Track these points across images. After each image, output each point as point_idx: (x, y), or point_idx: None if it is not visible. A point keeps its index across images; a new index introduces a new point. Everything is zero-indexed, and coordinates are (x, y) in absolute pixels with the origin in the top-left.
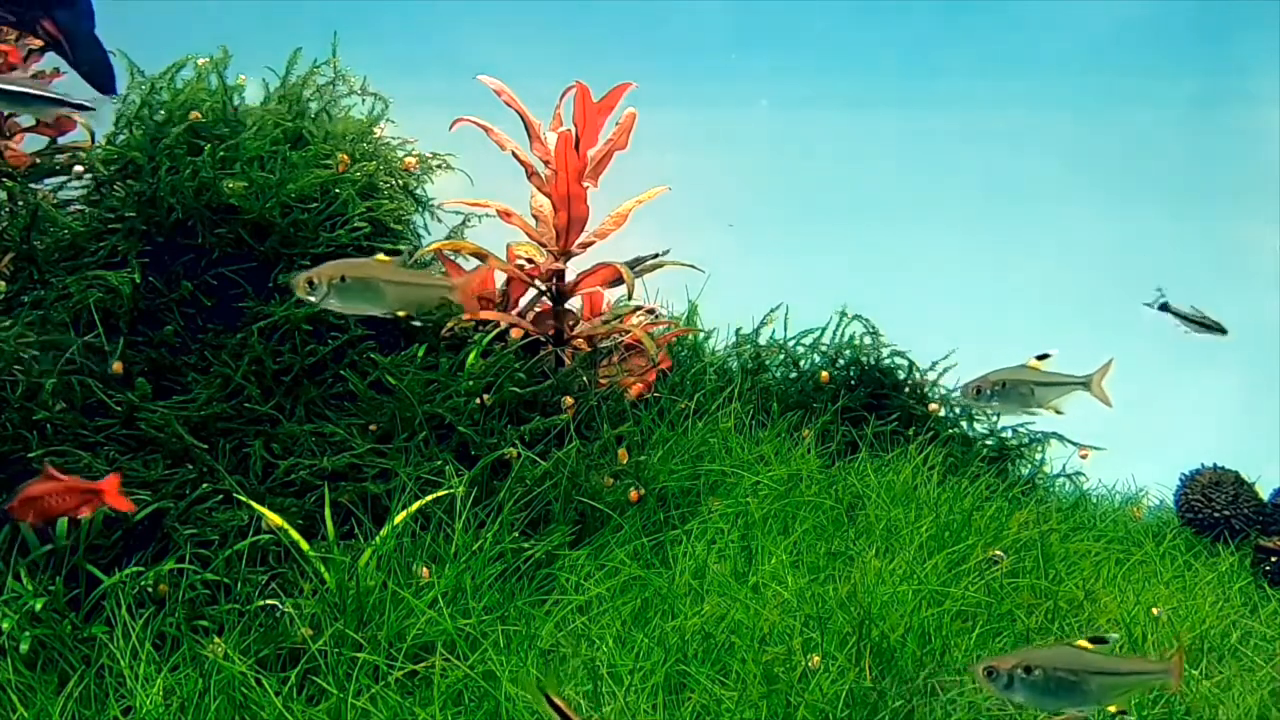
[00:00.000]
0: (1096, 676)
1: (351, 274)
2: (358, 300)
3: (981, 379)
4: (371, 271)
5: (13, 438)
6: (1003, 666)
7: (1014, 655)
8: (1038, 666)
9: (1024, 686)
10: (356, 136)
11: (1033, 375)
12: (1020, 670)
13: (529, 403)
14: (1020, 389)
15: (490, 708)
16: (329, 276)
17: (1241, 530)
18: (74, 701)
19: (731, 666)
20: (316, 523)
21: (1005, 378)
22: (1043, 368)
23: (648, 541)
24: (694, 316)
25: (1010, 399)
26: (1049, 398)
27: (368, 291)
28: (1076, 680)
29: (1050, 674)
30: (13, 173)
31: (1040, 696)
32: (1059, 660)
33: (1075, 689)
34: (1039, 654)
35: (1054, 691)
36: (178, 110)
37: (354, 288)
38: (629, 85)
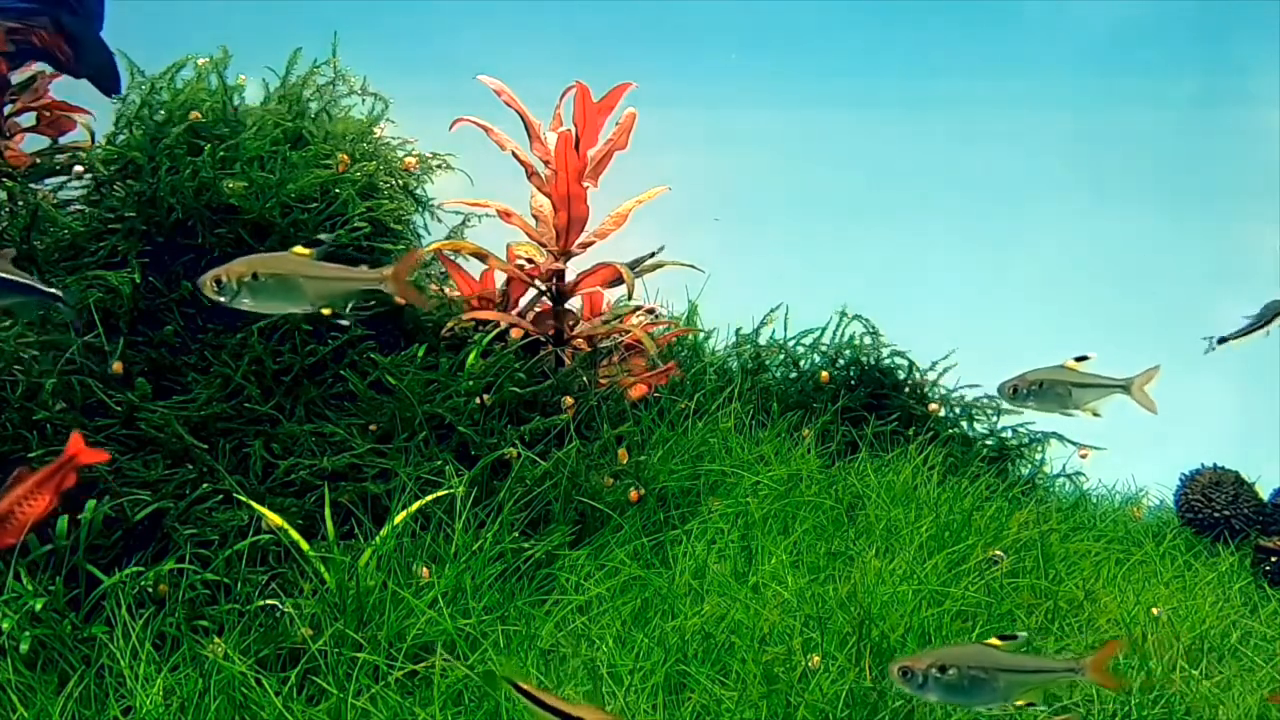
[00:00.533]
0: (1005, 674)
1: (264, 270)
2: (273, 297)
3: (1019, 378)
4: (286, 266)
5: (13, 438)
6: (917, 666)
7: (928, 655)
8: (951, 665)
9: (938, 685)
10: (356, 136)
11: (1071, 376)
12: (935, 670)
13: (529, 403)
14: (1058, 389)
15: (490, 708)
16: (239, 274)
17: (1241, 530)
18: (74, 701)
19: (731, 666)
20: (316, 523)
21: (1043, 377)
22: (1080, 369)
23: (648, 541)
24: (694, 316)
25: (1047, 399)
26: (1087, 399)
27: (283, 288)
28: (987, 678)
29: (963, 672)
30: (13, 173)
31: (953, 695)
32: (971, 659)
33: (986, 686)
34: (952, 653)
35: (966, 690)
36: (178, 110)
37: (267, 284)
38: (629, 85)
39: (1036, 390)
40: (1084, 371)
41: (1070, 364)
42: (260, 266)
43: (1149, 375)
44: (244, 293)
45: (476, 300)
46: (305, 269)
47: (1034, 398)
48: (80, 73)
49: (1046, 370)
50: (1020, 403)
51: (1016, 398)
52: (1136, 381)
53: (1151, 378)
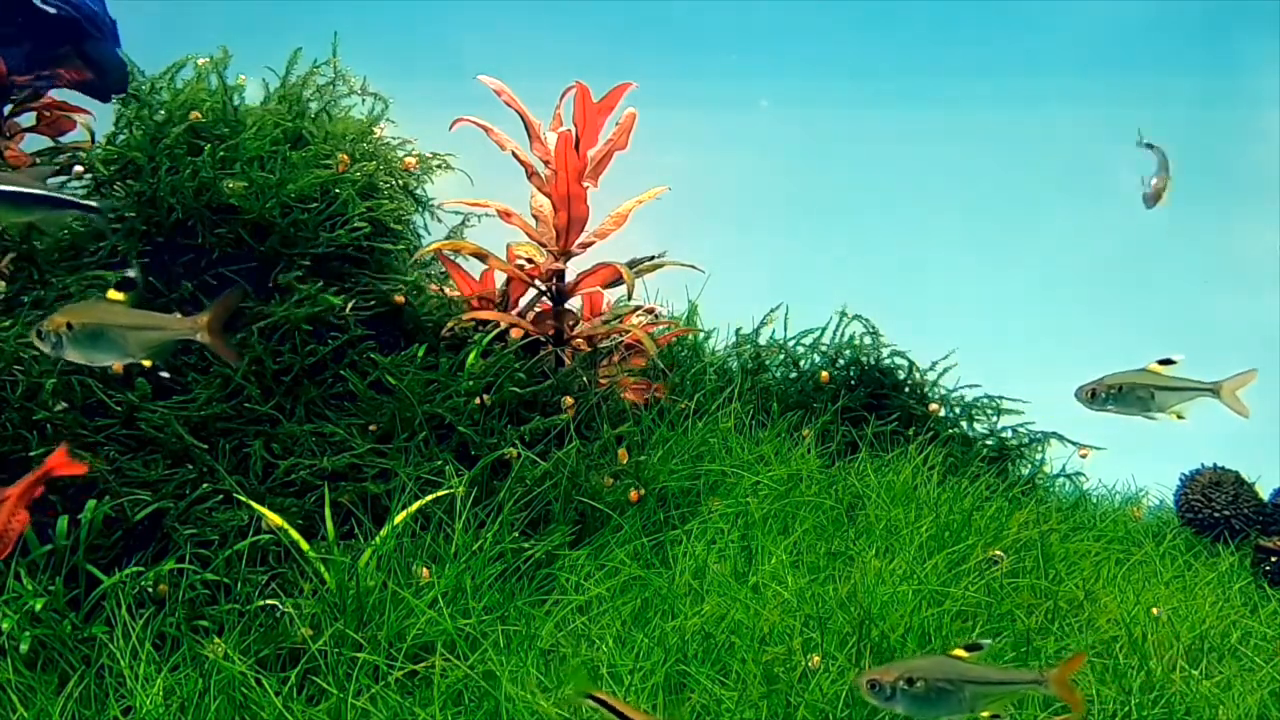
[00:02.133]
0: (971, 685)
1: (78, 320)
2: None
3: (1097, 382)
4: (100, 316)
5: (13, 438)
6: (885, 679)
7: (895, 667)
8: (919, 678)
9: (905, 698)
10: (356, 136)
11: (1154, 379)
12: (903, 682)
13: (529, 403)
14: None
15: (490, 708)
16: (57, 325)
17: (1241, 530)
18: (74, 701)
19: (731, 666)
20: (316, 523)
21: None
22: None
23: (648, 541)
24: (694, 316)
25: (1128, 403)
26: (1171, 402)
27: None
28: (953, 690)
29: (931, 684)
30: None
31: (920, 707)
32: (938, 670)
33: (952, 698)
34: (919, 664)
35: (933, 701)
36: (178, 110)
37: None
38: (629, 85)
39: (1116, 394)
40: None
41: (1154, 367)
42: (76, 317)
43: (1243, 380)
44: (66, 344)
45: (476, 300)
46: (118, 318)
47: (1114, 402)
48: (107, 96)
49: (1128, 374)
50: (1099, 407)
51: (1095, 401)
52: (1227, 385)
53: (1245, 382)
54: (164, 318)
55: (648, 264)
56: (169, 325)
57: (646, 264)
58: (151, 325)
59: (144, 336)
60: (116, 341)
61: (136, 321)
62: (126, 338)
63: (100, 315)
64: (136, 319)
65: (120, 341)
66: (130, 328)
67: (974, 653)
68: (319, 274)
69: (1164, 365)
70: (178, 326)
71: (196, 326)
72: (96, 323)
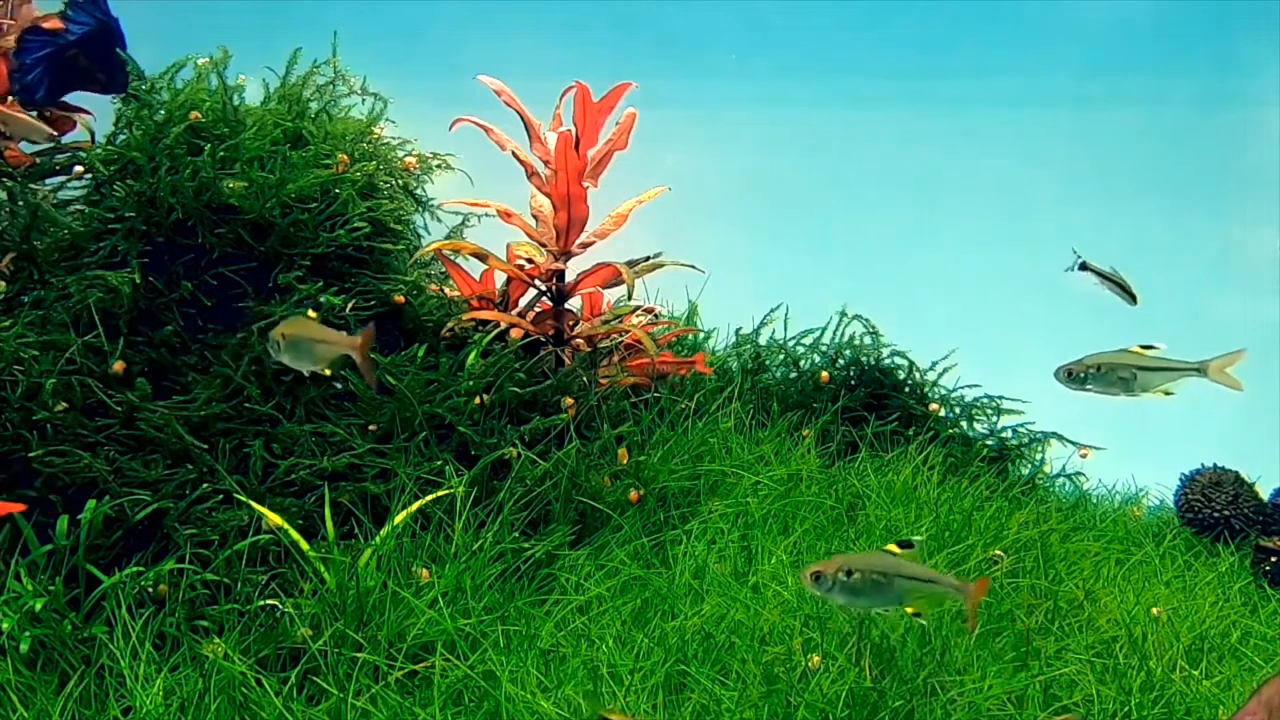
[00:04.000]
0: (902, 580)
1: (289, 332)
2: (296, 357)
3: (1076, 362)
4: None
5: (13, 438)
6: (827, 571)
7: (835, 561)
8: (856, 570)
9: (842, 589)
10: (356, 136)
11: (1135, 359)
12: (841, 574)
13: (529, 403)
14: (1120, 373)
15: (490, 708)
16: (278, 335)
17: (1241, 530)
18: (74, 701)
19: (731, 666)
20: (316, 523)
21: (1102, 361)
22: (1146, 355)
23: (648, 541)
24: (694, 316)
25: (1109, 383)
26: (1155, 383)
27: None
28: (885, 582)
29: (866, 576)
30: (13, 173)
31: (856, 597)
32: (874, 564)
33: (885, 590)
34: (856, 559)
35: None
36: (178, 110)
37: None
38: (629, 85)
39: (1096, 374)
40: (1151, 355)
41: (1136, 349)
42: (285, 329)
43: (1231, 358)
44: (281, 350)
45: (476, 300)
46: (311, 332)
47: (1094, 381)
48: (113, 90)
49: (1109, 354)
50: (1078, 386)
51: (1073, 381)
52: (1215, 363)
53: (1233, 360)
54: (336, 334)
55: (647, 264)
56: (339, 341)
57: (646, 264)
58: (329, 340)
59: (323, 349)
60: (309, 351)
61: (321, 336)
62: (315, 348)
63: (300, 329)
64: (321, 334)
65: (311, 352)
66: (318, 340)
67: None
68: (319, 274)
69: (1146, 349)
70: (344, 342)
71: (354, 344)
72: (298, 334)
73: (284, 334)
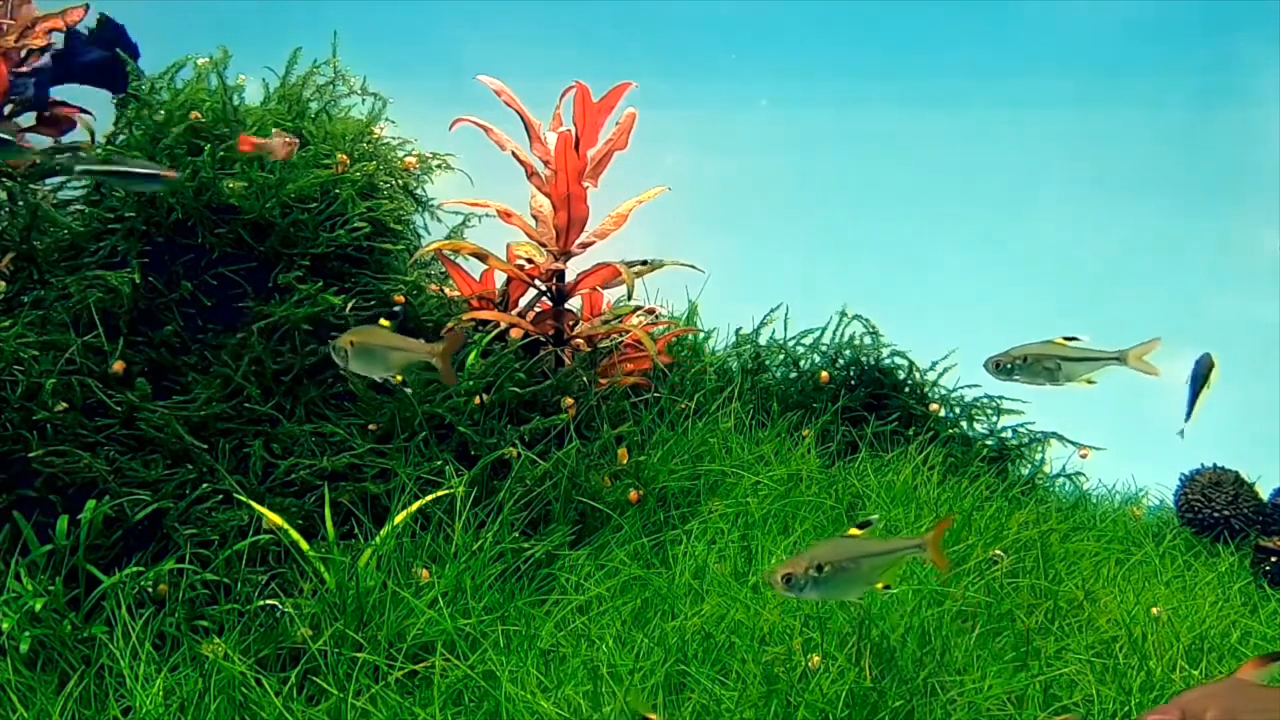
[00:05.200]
0: (867, 559)
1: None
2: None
3: (1003, 354)
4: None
5: (13, 438)
6: (797, 570)
7: (803, 558)
8: (826, 563)
9: (815, 584)
10: (356, 136)
11: (1059, 350)
12: (813, 570)
13: (529, 403)
14: (1045, 363)
15: (490, 708)
16: (346, 343)
17: (1241, 530)
18: (74, 701)
19: (731, 666)
20: (316, 523)
21: (1029, 352)
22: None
23: (648, 541)
24: (694, 316)
25: (1035, 373)
26: (1079, 373)
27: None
28: (854, 567)
29: (836, 567)
30: (13, 173)
31: (829, 589)
32: (838, 553)
33: (855, 576)
34: (820, 551)
35: (840, 582)
36: (178, 110)
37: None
38: (629, 85)
39: (1022, 365)
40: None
41: (1059, 340)
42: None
43: (1148, 346)
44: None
45: (476, 300)
46: (384, 340)
47: (1020, 372)
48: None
49: (1034, 345)
50: (1005, 377)
51: (1000, 372)
52: (1134, 351)
53: (1150, 349)
54: (412, 342)
55: (648, 264)
56: (414, 348)
57: (646, 264)
58: (403, 347)
59: (397, 356)
60: (382, 359)
61: (394, 343)
62: (389, 356)
63: (373, 337)
64: (395, 341)
65: (384, 359)
66: (390, 348)
67: (865, 530)
68: (319, 274)
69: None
70: (420, 350)
71: (434, 352)
72: (368, 342)
73: (355, 341)
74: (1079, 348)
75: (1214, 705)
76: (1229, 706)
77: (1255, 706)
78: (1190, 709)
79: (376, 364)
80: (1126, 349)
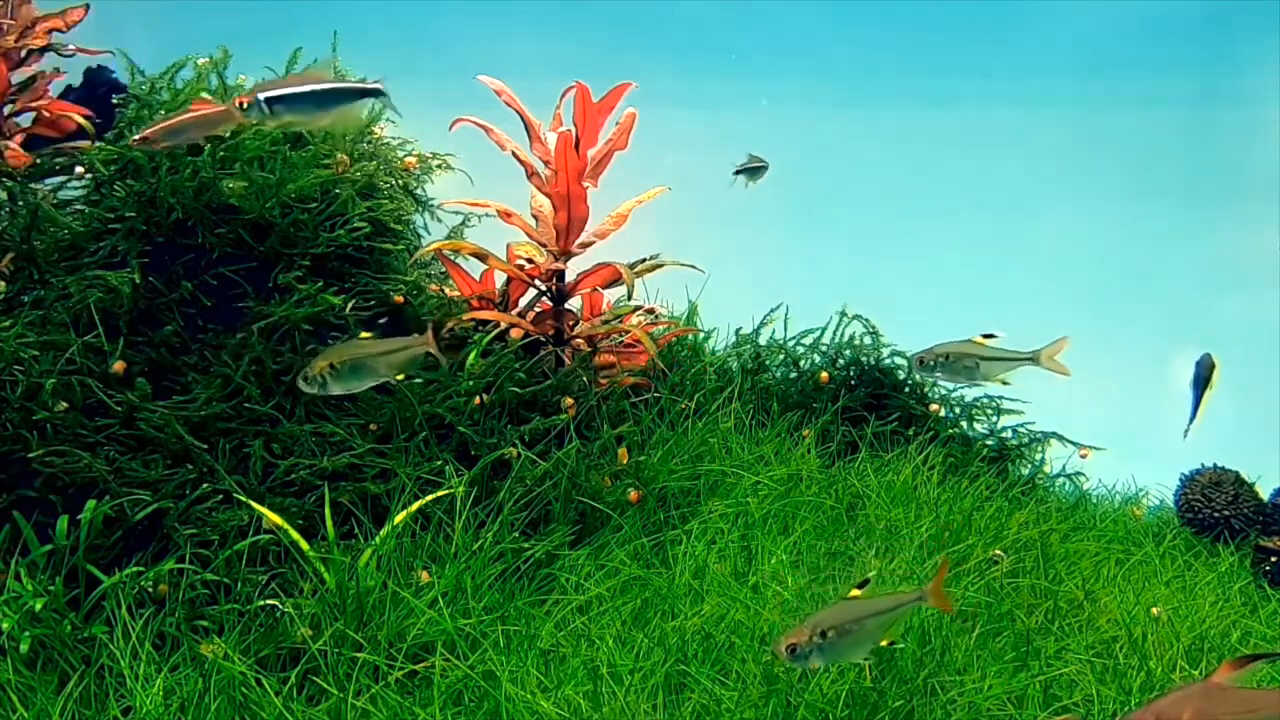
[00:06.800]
0: (871, 619)
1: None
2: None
3: (927, 350)
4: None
5: (13, 438)
6: (801, 640)
7: (805, 627)
8: (829, 628)
9: (821, 651)
10: (356, 136)
11: (978, 350)
12: (817, 636)
13: (529, 403)
14: (965, 362)
15: (490, 708)
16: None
17: (1241, 530)
18: (74, 701)
19: (731, 666)
20: (316, 523)
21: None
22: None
23: (648, 541)
24: (694, 316)
25: (955, 371)
26: (995, 371)
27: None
28: (859, 629)
29: (840, 630)
30: (13, 173)
31: (835, 654)
32: (842, 616)
33: (861, 637)
34: (823, 617)
35: (845, 646)
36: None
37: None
38: (629, 85)
39: (944, 362)
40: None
41: (978, 339)
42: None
43: (1058, 346)
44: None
45: (476, 300)
46: (370, 349)
47: (942, 369)
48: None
49: (955, 344)
50: (928, 373)
51: (925, 368)
52: (1045, 352)
53: (1060, 348)
54: (407, 340)
55: (648, 264)
56: (412, 344)
57: (646, 264)
58: (399, 348)
59: (394, 359)
60: (373, 369)
61: (385, 349)
62: (379, 363)
63: (355, 351)
64: (385, 346)
65: (375, 367)
66: (381, 354)
67: (864, 588)
68: (319, 274)
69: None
70: (417, 344)
71: (426, 341)
72: (352, 358)
73: (335, 363)
74: (995, 348)
75: (1189, 708)
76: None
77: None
78: (1165, 714)
79: (367, 376)
80: (1039, 349)
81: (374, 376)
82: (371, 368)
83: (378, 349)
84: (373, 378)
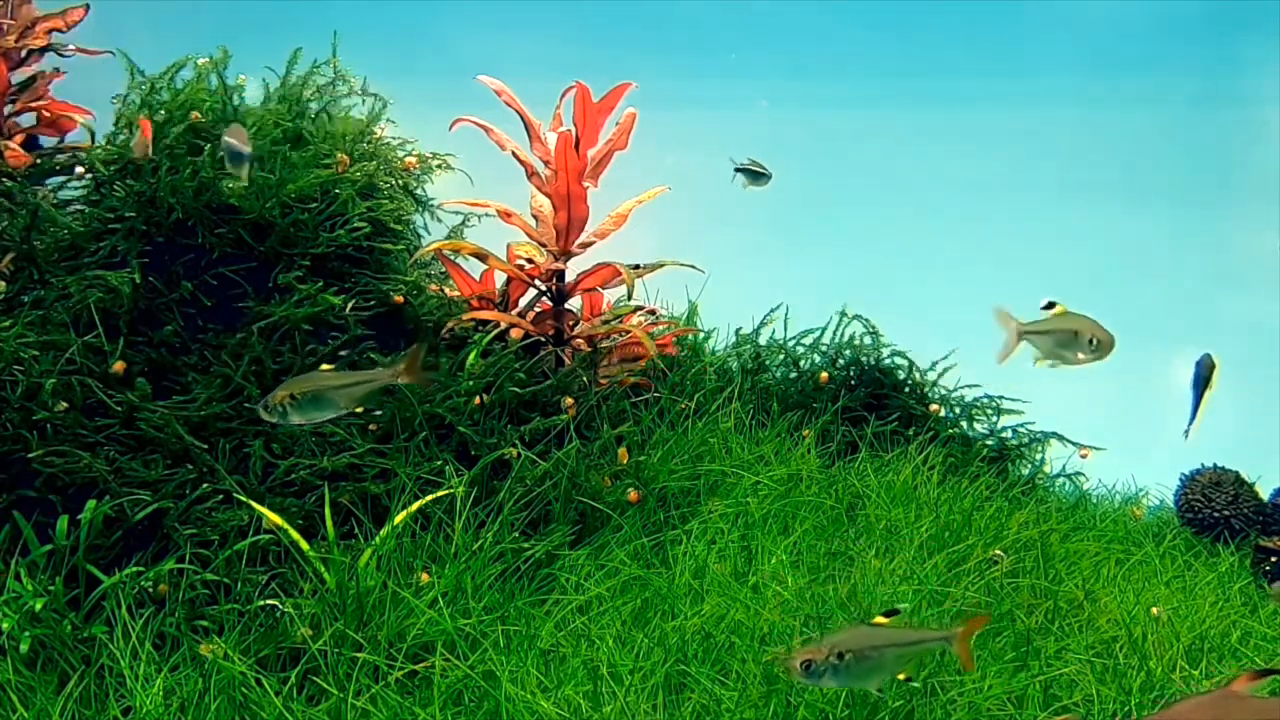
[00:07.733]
0: (892, 649)
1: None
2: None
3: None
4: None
5: (13, 438)
6: (818, 658)
7: (823, 645)
8: (847, 651)
9: (835, 672)
10: (356, 136)
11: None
12: (834, 657)
13: (529, 403)
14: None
15: (490, 708)
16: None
17: (1241, 530)
18: (74, 701)
19: (731, 666)
20: (316, 523)
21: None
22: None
23: (648, 541)
24: (694, 316)
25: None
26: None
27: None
28: (876, 657)
29: (858, 655)
30: (13, 173)
31: (849, 678)
32: (861, 641)
33: (878, 665)
34: (843, 639)
35: (860, 671)
36: (178, 110)
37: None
38: (629, 85)
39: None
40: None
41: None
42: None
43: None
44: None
45: (476, 300)
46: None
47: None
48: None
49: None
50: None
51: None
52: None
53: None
54: (371, 373)
55: (648, 264)
56: (377, 376)
57: (647, 264)
58: (362, 381)
59: (354, 392)
60: (333, 400)
61: (347, 381)
62: (340, 395)
63: (317, 383)
64: (347, 379)
65: (335, 399)
66: (342, 387)
67: (892, 618)
68: (319, 274)
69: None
70: (383, 376)
71: (397, 373)
72: (314, 389)
73: (296, 394)
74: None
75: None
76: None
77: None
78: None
79: (328, 408)
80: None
81: (334, 409)
82: (332, 400)
83: (339, 381)
84: (333, 410)
